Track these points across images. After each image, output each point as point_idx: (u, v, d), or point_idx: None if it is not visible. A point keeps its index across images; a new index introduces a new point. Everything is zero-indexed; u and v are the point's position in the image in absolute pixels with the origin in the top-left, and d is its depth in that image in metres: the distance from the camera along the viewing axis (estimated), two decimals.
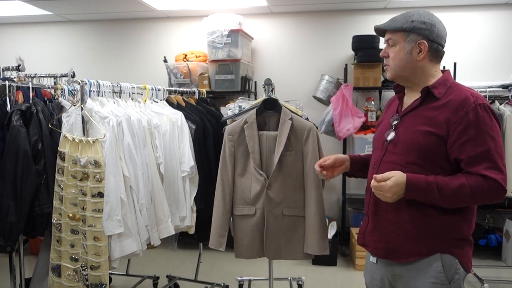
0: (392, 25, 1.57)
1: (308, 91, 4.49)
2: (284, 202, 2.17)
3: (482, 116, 1.44)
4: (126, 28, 5.12)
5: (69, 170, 2.28)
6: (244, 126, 2.21)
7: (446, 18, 4.48)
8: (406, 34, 1.54)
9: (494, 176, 1.41)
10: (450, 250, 1.52)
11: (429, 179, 1.44)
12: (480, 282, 3.44)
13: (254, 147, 2.18)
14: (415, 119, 1.54)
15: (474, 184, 1.41)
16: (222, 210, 2.23)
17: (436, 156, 1.48)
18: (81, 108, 2.32)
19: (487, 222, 4.23)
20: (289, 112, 2.20)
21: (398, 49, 1.56)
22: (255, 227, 2.19)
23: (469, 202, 1.48)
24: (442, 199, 1.44)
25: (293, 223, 2.19)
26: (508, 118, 3.44)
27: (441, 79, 1.56)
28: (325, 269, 3.88)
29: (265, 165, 2.19)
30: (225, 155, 2.25)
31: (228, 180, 2.23)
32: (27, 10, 4.67)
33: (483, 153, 1.42)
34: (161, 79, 4.72)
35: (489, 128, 1.45)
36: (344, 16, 4.67)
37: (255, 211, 2.18)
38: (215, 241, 2.23)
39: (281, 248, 2.19)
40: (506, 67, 4.41)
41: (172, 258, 4.23)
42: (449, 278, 1.51)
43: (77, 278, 2.30)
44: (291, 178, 2.18)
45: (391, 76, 1.63)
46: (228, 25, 4.31)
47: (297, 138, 2.17)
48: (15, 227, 2.17)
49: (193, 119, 3.06)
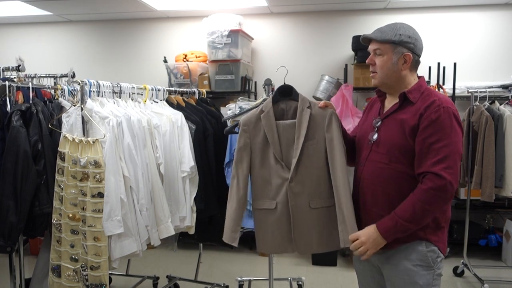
0: (382, 36, 1.72)
1: (308, 91, 4.48)
2: (310, 194, 2.00)
3: (443, 117, 1.60)
4: (126, 28, 5.12)
5: (69, 170, 2.28)
6: (260, 115, 2.06)
7: (446, 18, 4.49)
8: (394, 46, 1.71)
9: (436, 171, 1.57)
10: (428, 237, 1.68)
11: (392, 218, 1.63)
12: (480, 282, 3.45)
13: (274, 137, 2.03)
14: (394, 121, 1.72)
15: (421, 197, 1.59)
16: (236, 205, 2.09)
17: (411, 154, 1.66)
18: (81, 109, 2.32)
19: (487, 222, 4.24)
20: (307, 100, 2.05)
21: (386, 59, 1.72)
22: (277, 222, 2.05)
23: (430, 212, 1.62)
24: (413, 224, 1.62)
25: (323, 215, 2.02)
26: (508, 118, 3.44)
27: (416, 85, 1.74)
28: (325, 269, 3.88)
29: (285, 156, 2.03)
30: (240, 147, 2.09)
31: (243, 174, 2.08)
32: (27, 10, 4.67)
33: (435, 149, 1.59)
34: (161, 79, 4.72)
35: (447, 127, 1.60)
36: (344, 16, 4.67)
37: (276, 205, 2.04)
38: (228, 236, 2.10)
39: (313, 242, 2.03)
40: (506, 67, 4.41)
41: (172, 258, 4.23)
42: (432, 261, 1.69)
43: (77, 278, 2.30)
44: (315, 168, 2.00)
45: (377, 83, 1.79)
46: (228, 25, 4.31)
47: (318, 125, 2.01)
48: (15, 227, 2.17)
49: (193, 119, 3.06)
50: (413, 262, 1.69)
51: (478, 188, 3.47)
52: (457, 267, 3.75)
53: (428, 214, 1.62)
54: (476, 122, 3.52)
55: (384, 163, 1.71)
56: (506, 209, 4.12)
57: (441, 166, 1.57)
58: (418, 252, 1.68)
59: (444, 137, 1.59)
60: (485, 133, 3.42)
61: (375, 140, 1.76)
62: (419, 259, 1.68)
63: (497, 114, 3.48)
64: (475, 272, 3.57)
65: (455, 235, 4.15)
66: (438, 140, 1.59)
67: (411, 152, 1.65)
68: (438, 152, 1.58)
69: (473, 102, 3.63)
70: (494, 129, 3.42)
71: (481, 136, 3.45)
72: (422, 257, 1.68)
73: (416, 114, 1.65)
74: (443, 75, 4.38)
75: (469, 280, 3.63)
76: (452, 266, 3.79)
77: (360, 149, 1.87)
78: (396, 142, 1.68)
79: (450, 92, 4.10)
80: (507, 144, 3.42)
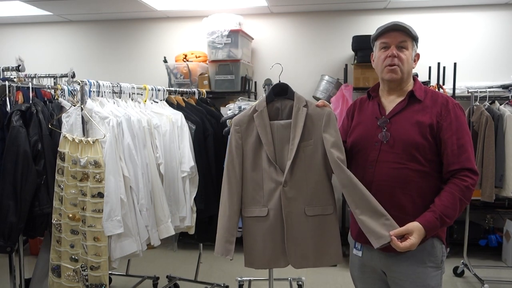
0: (411, 30, 1.71)
1: (308, 92, 4.48)
2: (305, 200, 1.85)
3: (459, 114, 1.67)
4: (126, 28, 5.12)
5: (69, 170, 2.28)
6: (253, 115, 1.91)
7: (446, 18, 4.49)
8: (414, 43, 1.73)
9: (471, 166, 1.62)
10: (439, 234, 1.68)
11: (436, 215, 1.58)
12: (480, 283, 3.44)
13: (267, 138, 1.88)
14: (405, 120, 1.69)
15: (465, 194, 1.61)
16: (229, 212, 1.90)
17: (429, 151, 1.65)
18: (81, 109, 2.32)
19: (487, 222, 4.23)
20: (303, 99, 1.92)
21: (409, 54, 1.71)
22: (268, 232, 1.87)
23: (465, 207, 1.66)
24: (452, 221, 1.62)
25: (320, 224, 1.85)
26: (508, 118, 3.44)
27: (418, 84, 1.76)
28: (325, 269, 3.88)
29: (279, 158, 1.88)
30: (231, 148, 1.93)
31: (235, 177, 1.91)
32: (27, 10, 4.67)
33: (463, 145, 1.63)
34: (161, 79, 4.72)
35: (464, 124, 1.67)
36: (344, 16, 4.67)
37: (268, 212, 1.86)
38: (221, 248, 1.89)
39: (309, 254, 1.86)
40: (506, 67, 4.41)
41: (172, 258, 4.23)
42: (440, 260, 1.69)
43: (77, 278, 2.30)
44: (311, 172, 1.85)
45: (398, 77, 1.71)
46: (228, 25, 4.31)
47: (314, 125, 1.87)
48: (15, 227, 2.17)
49: (193, 119, 3.06)
50: (424, 264, 1.66)
51: (478, 188, 3.47)
52: (457, 267, 3.74)
53: (463, 210, 1.65)
54: (476, 122, 3.52)
55: (399, 163, 1.66)
56: (506, 209, 4.12)
57: (472, 162, 1.63)
58: (429, 253, 1.66)
59: (465, 133, 1.65)
60: (485, 133, 3.42)
61: (387, 140, 1.70)
62: (430, 260, 1.66)
63: (497, 114, 3.48)
64: (475, 272, 3.57)
65: (455, 235, 4.15)
66: (462, 136, 1.64)
67: (427, 150, 1.65)
68: (466, 148, 1.63)
69: (473, 102, 3.63)
70: (494, 129, 3.42)
71: (481, 136, 3.45)
72: (432, 257, 1.66)
73: (432, 112, 1.66)
74: (443, 75, 4.37)
75: (469, 280, 3.63)
76: (452, 266, 3.78)
77: (363, 152, 1.76)
78: (413, 140, 1.65)
79: (450, 92, 4.10)
80: (507, 144, 3.42)
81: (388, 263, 1.70)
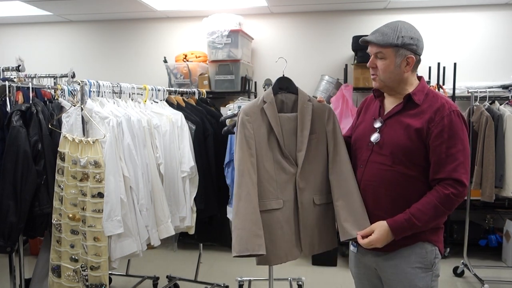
0: (384, 40, 1.66)
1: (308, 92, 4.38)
2: (314, 190, 1.91)
3: (456, 122, 1.61)
4: (126, 28, 5.12)
5: (69, 170, 2.28)
6: (263, 106, 1.91)
7: (446, 18, 4.49)
8: (396, 49, 1.66)
9: (457, 177, 1.58)
10: (429, 238, 1.69)
11: (406, 216, 1.61)
12: (480, 283, 3.45)
13: (278, 129, 1.89)
14: (398, 123, 1.70)
15: (443, 201, 1.59)
16: (254, 204, 1.80)
17: (417, 156, 1.65)
18: (81, 109, 2.32)
19: (487, 222, 4.23)
20: (306, 94, 2.00)
21: (388, 62, 1.67)
22: (285, 223, 1.87)
23: (445, 215, 1.66)
24: (424, 225, 1.62)
25: (324, 212, 1.93)
26: (508, 119, 3.44)
27: (420, 86, 1.72)
28: (325, 269, 3.88)
29: (288, 150, 1.92)
30: (244, 138, 1.86)
31: (253, 167, 1.84)
32: (27, 10, 4.67)
33: (453, 154, 1.59)
34: (161, 80, 4.72)
35: (460, 131, 1.61)
36: (344, 16, 4.67)
37: (283, 203, 1.87)
38: (249, 245, 1.75)
39: (315, 241, 1.93)
40: (506, 67, 4.41)
41: (172, 258, 4.23)
42: (431, 262, 1.69)
43: (77, 278, 2.30)
44: (317, 163, 1.92)
45: (379, 86, 1.75)
46: (228, 25, 4.31)
47: (318, 119, 1.94)
48: (15, 227, 2.17)
49: (193, 119, 3.06)
50: (412, 264, 1.68)
51: (478, 188, 3.47)
52: (457, 267, 3.74)
53: (443, 217, 1.65)
54: (476, 122, 3.52)
55: (387, 165, 1.68)
56: (506, 209, 4.12)
57: (461, 172, 1.58)
58: (418, 254, 1.68)
59: (459, 142, 1.60)
60: (485, 133, 3.42)
61: (377, 142, 1.72)
62: (419, 261, 1.67)
63: (497, 114, 3.48)
64: (475, 272, 3.57)
65: (455, 235, 4.15)
66: (454, 145, 1.59)
67: (415, 154, 1.64)
68: (456, 158, 1.59)
69: (473, 102, 3.63)
70: (494, 129, 3.42)
71: (481, 136, 3.45)
72: (421, 259, 1.68)
73: (424, 118, 1.63)
74: (443, 75, 4.37)
75: (469, 280, 3.63)
76: (452, 266, 3.78)
77: (359, 150, 1.83)
78: (401, 144, 1.65)
79: (450, 92, 4.10)
80: (507, 144, 3.42)
81: (378, 262, 1.75)
